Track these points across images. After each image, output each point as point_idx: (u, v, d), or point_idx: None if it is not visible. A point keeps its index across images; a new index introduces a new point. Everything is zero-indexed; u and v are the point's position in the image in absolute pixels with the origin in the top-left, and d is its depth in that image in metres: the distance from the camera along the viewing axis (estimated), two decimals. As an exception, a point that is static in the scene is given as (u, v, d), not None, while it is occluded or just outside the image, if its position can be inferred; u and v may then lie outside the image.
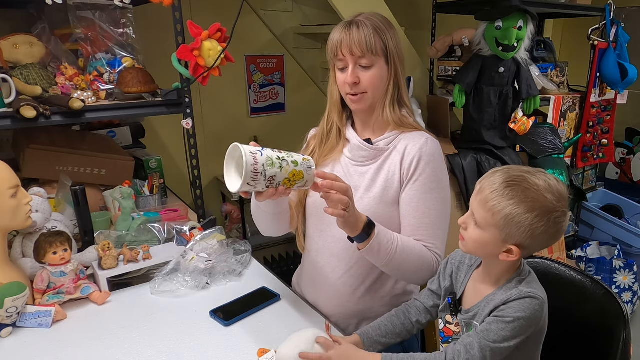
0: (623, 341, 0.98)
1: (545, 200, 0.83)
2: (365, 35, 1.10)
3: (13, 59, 1.48)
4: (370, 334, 1.04)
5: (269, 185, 0.93)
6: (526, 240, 0.85)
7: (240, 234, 2.80)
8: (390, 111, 1.18)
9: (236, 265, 1.39)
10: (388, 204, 1.16)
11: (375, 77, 1.13)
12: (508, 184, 0.85)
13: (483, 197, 0.87)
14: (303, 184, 0.97)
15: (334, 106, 1.23)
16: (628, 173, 3.62)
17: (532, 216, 0.82)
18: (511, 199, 0.83)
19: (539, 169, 0.89)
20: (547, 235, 0.85)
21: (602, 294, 1.04)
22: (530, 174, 0.86)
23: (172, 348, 1.07)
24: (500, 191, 0.85)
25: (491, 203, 0.85)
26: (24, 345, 1.07)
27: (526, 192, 0.83)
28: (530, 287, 0.87)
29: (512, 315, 0.84)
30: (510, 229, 0.84)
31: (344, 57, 1.12)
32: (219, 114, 2.79)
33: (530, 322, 0.84)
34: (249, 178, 0.89)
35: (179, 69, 1.51)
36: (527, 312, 0.84)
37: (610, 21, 2.56)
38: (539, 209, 0.82)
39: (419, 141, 1.15)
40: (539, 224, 0.83)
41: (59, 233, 1.23)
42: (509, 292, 0.87)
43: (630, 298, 2.65)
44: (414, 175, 1.14)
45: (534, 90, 2.17)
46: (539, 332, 0.90)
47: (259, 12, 2.70)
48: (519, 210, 0.83)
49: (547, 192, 0.83)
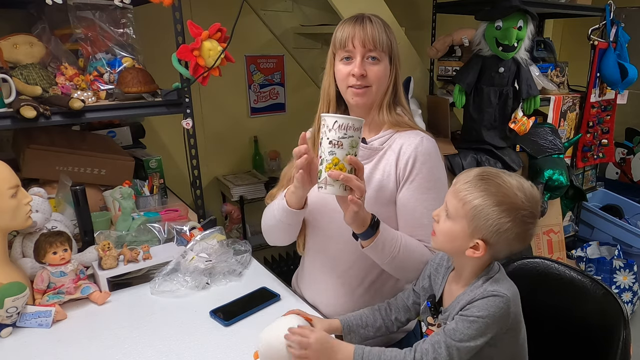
0: (623, 341, 0.98)
1: (515, 197, 0.85)
2: (379, 30, 1.11)
3: (13, 59, 1.48)
4: (352, 322, 1.07)
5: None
6: (492, 236, 0.86)
7: (240, 234, 2.80)
8: (387, 112, 1.18)
9: (236, 265, 1.39)
10: (384, 204, 1.15)
11: (382, 72, 1.13)
12: (482, 177, 0.88)
13: (456, 187, 0.90)
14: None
15: (329, 102, 1.21)
16: (628, 173, 3.62)
17: (500, 210, 0.85)
18: (482, 191, 0.86)
19: (518, 175, 0.91)
20: (513, 234, 0.86)
21: (601, 293, 1.05)
22: (506, 174, 0.89)
23: (172, 348, 1.07)
24: (473, 182, 0.88)
25: (462, 193, 0.88)
26: (24, 345, 1.07)
27: (498, 187, 0.86)
28: (495, 285, 0.88)
29: (475, 314, 0.86)
30: (478, 220, 0.86)
31: (354, 48, 1.11)
32: (219, 114, 2.79)
33: (494, 320, 0.85)
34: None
35: (179, 69, 1.51)
36: (491, 310, 0.85)
37: (610, 21, 2.56)
38: (508, 204, 0.85)
39: (414, 140, 1.15)
40: (506, 219, 0.84)
41: (59, 233, 1.23)
42: (475, 291, 0.89)
43: (630, 298, 2.65)
44: (410, 176, 1.14)
45: (534, 90, 2.17)
46: (513, 329, 0.90)
47: (259, 12, 2.70)
48: (488, 201, 0.85)
49: (519, 190, 0.86)
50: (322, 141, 0.98)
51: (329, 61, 1.19)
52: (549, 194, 2.25)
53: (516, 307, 0.89)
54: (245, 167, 2.98)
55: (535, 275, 1.16)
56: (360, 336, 1.07)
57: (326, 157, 0.97)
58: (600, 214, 2.94)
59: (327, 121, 0.96)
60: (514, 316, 0.88)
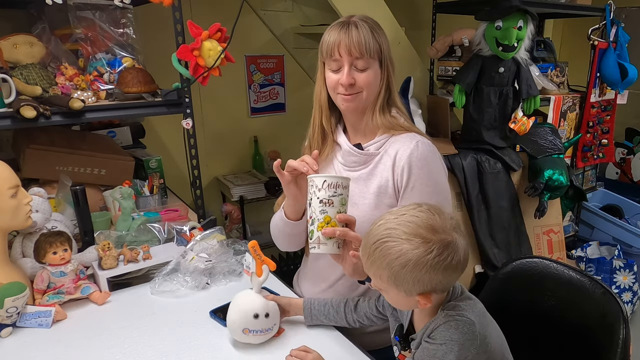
0: (622, 341, 0.98)
1: (413, 252, 0.79)
2: (364, 36, 1.08)
3: (13, 59, 1.48)
4: (315, 308, 1.14)
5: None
6: (424, 287, 0.82)
7: (240, 234, 2.80)
8: (380, 115, 1.16)
9: (236, 265, 1.39)
10: (383, 210, 1.13)
11: (371, 78, 1.12)
12: (376, 245, 0.83)
13: (366, 264, 0.86)
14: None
15: (322, 109, 1.20)
16: (628, 173, 3.62)
17: (410, 269, 0.80)
18: (384, 259, 0.81)
19: (405, 207, 0.86)
20: (440, 273, 0.81)
21: (600, 293, 1.04)
22: (394, 222, 0.83)
23: (172, 348, 1.07)
24: (372, 255, 0.83)
25: (372, 269, 0.85)
26: (24, 345, 1.07)
27: (394, 247, 0.80)
28: (456, 310, 0.85)
29: (439, 343, 0.83)
30: (402, 285, 0.82)
31: (340, 57, 1.10)
32: (219, 114, 2.79)
33: (460, 345, 0.82)
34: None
35: (179, 69, 1.51)
36: (455, 336, 0.82)
37: (610, 21, 2.56)
38: (413, 263, 0.79)
39: (410, 146, 1.13)
40: (421, 272, 0.80)
41: (59, 233, 1.23)
42: (438, 320, 0.86)
43: (630, 298, 2.65)
44: (409, 183, 1.12)
45: (534, 90, 2.17)
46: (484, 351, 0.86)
47: (259, 12, 2.70)
48: (396, 267, 0.80)
49: (410, 242, 0.80)
50: (311, 201, 0.99)
51: (319, 67, 1.18)
52: (549, 194, 2.25)
53: (482, 329, 0.85)
54: (245, 167, 2.98)
55: (534, 275, 1.16)
56: (318, 322, 1.14)
57: (317, 217, 0.98)
58: (600, 214, 2.94)
59: (315, 181, 0.98)
60: (481, 338, 0.84)
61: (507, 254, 2.21)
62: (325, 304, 1.14)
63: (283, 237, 1.26)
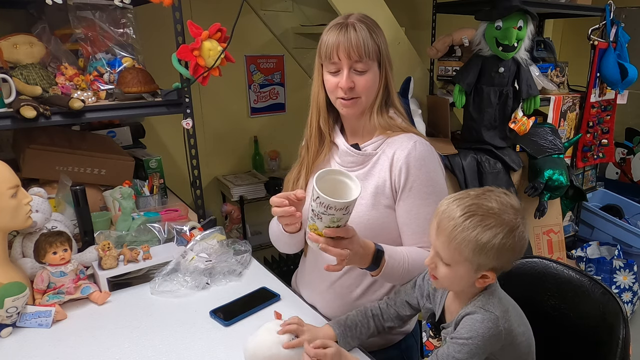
0: (622, 340, 0.98)
1: (504, 222, 0.83)
2: (363, 38, 1.07)
3: (13, 59, 1.48)
4: (348, 336, 1.05)
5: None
6: (497, 262, 0.85)
7: (240, 234, 2.80)
8: (378, 116, 1.16)
9: (236, 265, 1.39)
10: (381, 209, 1.14)
11: (370, 81, 1.11)
12: (466, 217, 0.84)
13: (445, 236, 0.86)
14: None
15: (319, 111, 1.19)
16: (628, 173, 3.62)
17: (498, 240, 0.82)
18: (473, 231, 0.83)
19: (487, 187, 0.90)
20: (514, 251, 0.85)
21: (600, 293, 1.05)
22: (481, 197, 0.86)
23: (172, 348, 1.07)
24: (460, 225, 0.84)
25: (455, 242, 0.84)
26: (24, 345, 1.07)
27: (485, 219, 0.83)
28: (486, 301, 0.88)
29: (463, 337, 0.85)
30: (480, 258, 0.84)
31: (339, 60, 1.09)
32: (219, 114, 2.79)
33: (484, 340, 0.84)
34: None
35: (179, 69, 1.51)
36: (479, 331, 0.84)
37: (610, 21, 2.56)
38: (502, 232, 0.82)
39: (407, 146, 1.12)
40: (506, 245, 0.83)
41: (59, 233, 1.23)
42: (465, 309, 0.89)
43: (630, 298, 2.65)
44: (407, 184, 1.12)
45: (534, 90, 2.17)
46: (510, 344, 0.88)
47: (259, 12, 2.70)
48: (484, 239, 0.82)
49: (504, 213, 0.84)
50: (310, 200, 0.95)
51: (316, 69, 1.17)
52: (549, 194, 2.25)
53: (508, 324, 0.87)
54: (245, 167, 2.98)
55: (534, 275, 1.16)
56: (354, 341, 1.06)
57: (309, 217, 0.96)
58: (600, 214, 2.94)
59: (313, 192, 0.92)
60: (507, 333, 0.87)
61: (507, 254, 2.20)
62: (355, 326, 1.06)
63: (282, 244, 1.28)
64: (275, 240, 1.30)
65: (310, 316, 1.20)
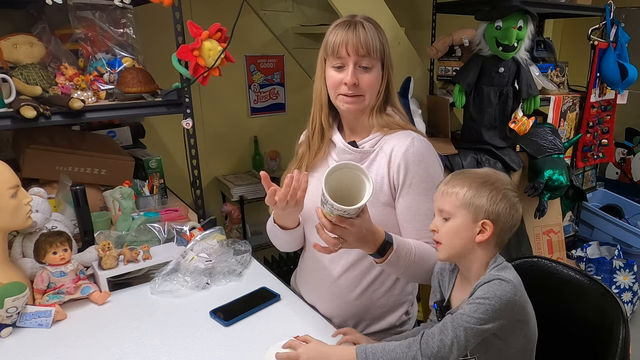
0: (622, 340, 0.98)
1: (494, 177, 0.95)
2: (371, 36, 1.09)
3: (13, 59, 1.48)
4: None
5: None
6: (492, 211, 0.91)
7: (240, 234, 2.80)
8: (377, 115, 1.17)
9: (236, 265, 1.39)
10: (379, 207, 1.14)
11: (374, 79, 1.12)
12: (458, 173, 0.98)
13: (441, 191, 0.97)
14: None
15: (322, 107, 1.20)
16: (628, 173, 3.62)
17: (488, 189, 0.92)
18: (465, 180, 0.94)
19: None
20: (507, 207, 0.92)
21: (600, 293, 1.04)
22: (476, 169, 1.00)
23: (172, 348, 1.07)
24: (454, 179, 0.96)
25: (451, 190, 0.94)
26: (24, 345, 1.07)
27: (475, 174, 0.96)
28: (501, 272, 0.91)
29: (481, 297, 0.87)
30: (476, 201, 0.92)
31: (347, 55, 1.10)
32: (219, 114, 2.79)
33: (501, 303, 0.86)
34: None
35: (179, 69, 1.51)
36: (497, 292, 0.86)
37: (610, 21, 2.56)
38: (491, 183, 0.93)
39: (405, 142, 1.13)
40: (496, 193, 0.92)
41: (59, 233, 1.24)
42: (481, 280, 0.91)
43: (630, 298, 2.65)
44: (406, 180, 1.12)
45: (534, 90, 2.17)
46: (520, 320, 0.91)
47: (259, 12, 2.70)
48: (474, 185, 0.93)
49: (493, 172, 0.97)
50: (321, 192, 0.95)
51: (319, 65, 1.17)
52: (549, 194, 2.25)
53: (522, 297, 0.90)
54: (245, 167, 2.98)
55: (534, 275, 1.16)
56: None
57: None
58: (600, 214, 2.94)
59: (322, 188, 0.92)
60: (521, 305, 0.89)
61: (507, 254, 2.19)
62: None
63: (281, 243, 1.29)
64: (274, 238, 1.30)
65: (310, 316, 1.20)
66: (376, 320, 1.24)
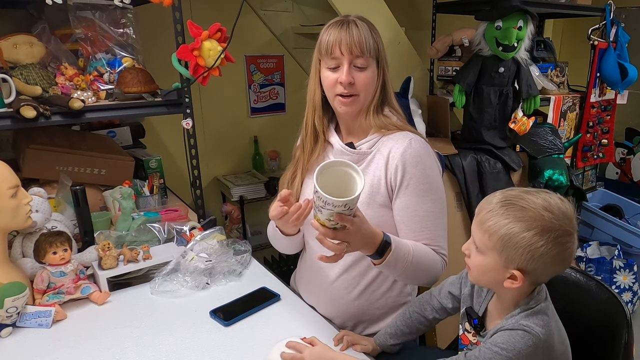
0: (625, 343, 0.97)
1: (543, 219, 0.79)
2: (365, 35, 1.08)
3: (13, 59, 1.48)
4: (387, 342, 1.08)
5: None
6: (528, 263, 0.80)
7: (240, 234, 2.80)
8: (374, 115, 1.16)
9: (236, 265, 1.39)
10: (376, 208, 1.14)
11: (369, 79, 1.12)
12: (504, 204, 0.82)
13: (479, 218, 0.85)
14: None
15: (315, 109, 1.19)
16: (628, 173, 3.62)
17: (529, 235, 0.78)
18: (506, 218, 0.80)
19: (544, 189, 0.86)
20: (549, 257, 0.80)
21: (606, 297, 1.03)
22: (530, 193, 0.83)
23: (172, 348, 1.07)
24: (495, 211, 0.82)
25: (487, 224, 0.83)
26: (24, 345, 1.07)
27: (523, 210, 0.80)
28: (530, 319, 0.83)
29: (499, 346, 0.82)
30: (509, 251, 0.80)
31: (341, 55, 1.09)
32: (219, 114, 2.79)
33: (519, 356, 0.80)
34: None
35: (179, 69, 1.51)
36: (517, 345, 0.80)
37: (610, 21, 2.56)
38: (536, 228, 0.79)
39: (403, 144, 1.12)
40: (538, 243, 0.78)
41: (59, 233, 1.23)
42: (509, 320, 0.85)
43: (630, 298, 2.65)
44: (403, 181, 1.12)
45: (534, 90, 2.17)
46: (550, 357, 0.84)
47: (259, 12, 2.70)
48: (515, 229, 0.79)
49: (545, 210, 0.79)
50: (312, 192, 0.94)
51: (314, 66, 1.17)
52: (549, 194, 2.25)
53: (548, 349, 0.83)
54: (245, 167, 2.98)
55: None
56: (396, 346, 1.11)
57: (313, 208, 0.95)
58: (600, 214, 2.94)
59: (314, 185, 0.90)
60: (545, 347, 0.82)
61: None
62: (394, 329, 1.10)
63: (282, 246, 1.29)
64: (274, 241, 1.31)
65: (310, 316, 1.20)
66: (375, 321, 1.23)
